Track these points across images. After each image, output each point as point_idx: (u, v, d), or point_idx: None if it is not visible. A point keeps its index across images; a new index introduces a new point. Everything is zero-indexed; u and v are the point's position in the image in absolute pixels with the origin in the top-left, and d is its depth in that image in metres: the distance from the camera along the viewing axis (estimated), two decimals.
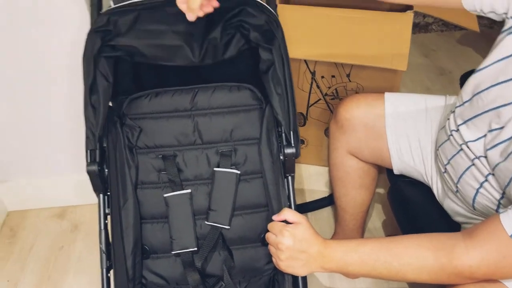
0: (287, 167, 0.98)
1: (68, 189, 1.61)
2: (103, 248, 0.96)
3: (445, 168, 0.96)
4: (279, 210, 0.96)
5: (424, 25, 2.52)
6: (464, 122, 0.90)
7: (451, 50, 2.38)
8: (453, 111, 0.95)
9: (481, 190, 0.87)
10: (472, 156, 0.88)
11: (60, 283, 1.42)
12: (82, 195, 1.61)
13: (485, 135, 0.85)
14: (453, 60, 2.31)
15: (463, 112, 0.91)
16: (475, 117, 0.88)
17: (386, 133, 1.09)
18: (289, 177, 0.99)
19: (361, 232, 1.39)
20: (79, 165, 1.51)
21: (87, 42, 0.91)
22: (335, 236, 1.42)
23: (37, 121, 1.42)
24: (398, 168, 1.12)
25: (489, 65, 0.86)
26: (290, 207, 0.98)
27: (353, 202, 1.28)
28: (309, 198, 1.65)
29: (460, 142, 0.91)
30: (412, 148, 1.08)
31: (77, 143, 1.45)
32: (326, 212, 1.60)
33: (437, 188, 1.05)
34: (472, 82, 0.90)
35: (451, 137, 0.94)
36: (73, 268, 1.46)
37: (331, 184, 1.32)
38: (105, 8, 0.96)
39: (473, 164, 0.88)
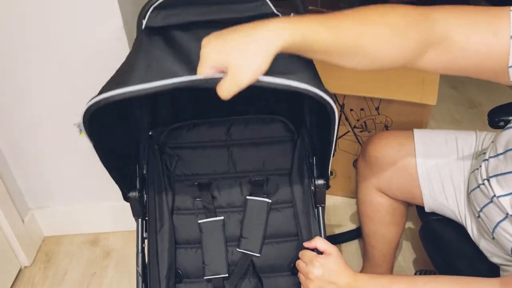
0: (318, 198, 1.01)
1: (102, 216, 1.66)
2: (140, 271, 0.99)
3: (479, 214, 0.94)
4: (309, 239, 0.98)
5: None
6: (495, 176, 0.88)
7: (480, 83, 2.35)
8: (487, 160, 0.92)
9: None
10: (505, 211, 0.85)
11: None
12: (114, 222, 1.66)
13: None
14: (483, 93, 2.30)
15: (497, 165, 0.89)
16: (508, 173, 0.85)
17: (418, 172, 1.08)
18: (320, 208, 1.02)
19: (390, 268, 1.37)
20: (112, 192, 1.56)
21: None
22: (363, 271, 1.40)
23: (74, 150, 1.49)
24: (430, 206, 1.11)
25: None
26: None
27: (382, 239, 1.27)
28: (336, 230, 1.65)
29: (491, 194, 0.88)
30: (445, 187, 1.07)
31: None
32: (354, 245, 1.59)
33: (471, 229, 1.03)
34: (505, 137, 0.89)
35: (481, 186, 0.92)
36: None
37: (360, 220, 1.31)
38: None
39: (507, 218, 0.85)
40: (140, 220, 1.02)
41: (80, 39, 1.26)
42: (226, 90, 0.61)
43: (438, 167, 1.07)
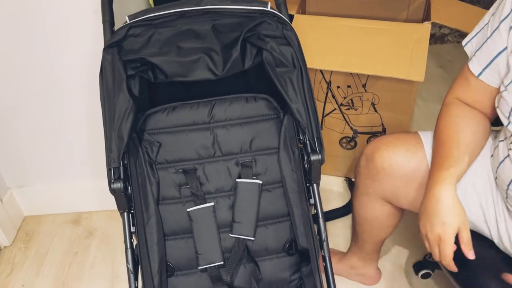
0: (313, 175, 0.97)
1: (83, 195, 1.62)
2: (131, 268, 0.94)
3: (507, 194, 0.87)
4: (301, 217, 0.96)
5: (440, 36, 2.49)
6: None
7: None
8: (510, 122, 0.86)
9: None
10: None
11: None
12: (97, 201, 1.63)
13: None
14: None
15: None
16: None
17: None
18: (315, 185, 0.99)
19: (378, 249, 1.33)
20: (95, 171, 1.54)
21: (104, 58, 0.91)
22: (350, 251, 1.36)
23: (55, 128, 1.45)
24: None
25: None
26: (317, 214, 0.98)
27: (377, 238, 1.24)
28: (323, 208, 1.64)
29: None
30: (467, 194, 0.96)
31: (92, 150, 1.48)
32: (340, 222, 1.58)
33: (498, 233, 0.94)
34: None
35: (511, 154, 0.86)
36: (87, 274, 1.46)
37: (353, 216, 1.25)
38: (117, 25, 0.96)
39: None
40: (126, 214, 0.95)
41: (54, 12, 1.21)
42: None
43: None
